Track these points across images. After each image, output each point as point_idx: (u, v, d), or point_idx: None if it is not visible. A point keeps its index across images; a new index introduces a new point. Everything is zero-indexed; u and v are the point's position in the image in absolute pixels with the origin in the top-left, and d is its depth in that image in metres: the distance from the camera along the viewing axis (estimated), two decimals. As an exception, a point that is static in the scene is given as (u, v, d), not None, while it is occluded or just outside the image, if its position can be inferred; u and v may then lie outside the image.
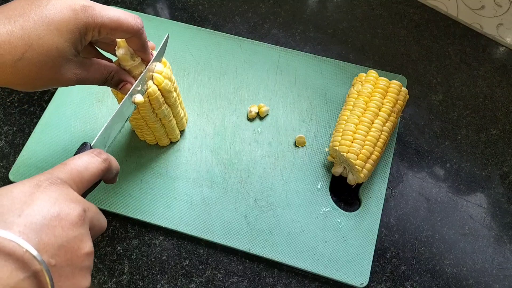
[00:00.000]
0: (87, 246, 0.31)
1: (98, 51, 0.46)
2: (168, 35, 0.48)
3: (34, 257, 0.27)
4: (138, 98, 0.45)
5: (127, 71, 0.45)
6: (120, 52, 0.43)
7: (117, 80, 0.43)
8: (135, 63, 0.45)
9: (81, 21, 0.36)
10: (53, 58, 0.36)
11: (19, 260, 0.27)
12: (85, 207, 0.32)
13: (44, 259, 0.28)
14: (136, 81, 0.44)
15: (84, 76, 0.39)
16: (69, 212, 0.30)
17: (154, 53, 0.47)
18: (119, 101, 0.48)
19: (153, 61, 0.46)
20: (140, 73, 0.45)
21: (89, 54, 0.46)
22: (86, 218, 0.32)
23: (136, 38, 0.41)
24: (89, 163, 0.35)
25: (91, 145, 0.39)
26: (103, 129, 0.41)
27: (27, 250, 0.27)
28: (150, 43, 0.48)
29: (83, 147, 0.39)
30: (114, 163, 0.39)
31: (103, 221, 0.35)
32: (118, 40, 0.44)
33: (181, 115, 0.54)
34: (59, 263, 0.29)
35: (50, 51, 0.35)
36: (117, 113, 0.42)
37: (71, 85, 0.39)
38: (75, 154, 0.37)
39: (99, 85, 0.42)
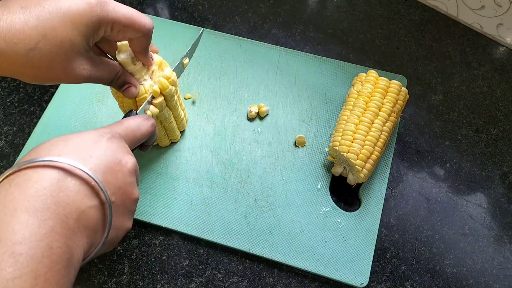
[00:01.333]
0: (136, 192, 0.37)
1: (103, 51, 0.46)
2: (202, 31, 0.52)
3: (102, 190, 0.32)
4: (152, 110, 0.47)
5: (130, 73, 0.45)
6: (121, 56, 0.43)
7: (122, 82, 0.43)
8: (136, 67, 0.45)
9: (96, 15, 0.36)
10: (65, 50, 0.36)
11: (90, 189, 0.32)
12: (135, 161, 0.38)
13: (108, 194, 0.33)
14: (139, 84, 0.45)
15: (94, 73, 0.39)
16: (127, 161, 0.36)
17: (155, 56, 0.47)
18: (119, 103, 0.48)
19: (184, 56, 0.51)
20: (141, 77, 0.46)
21: (95, 53, 0.46)
22: (136, 170, 0.38)
23: (143, 39, 0.41)
24: (141, 124, 0.41)
25: (137, 112, 0.44)
26: (146, 102, 0.45)
27: (97, 183, 0.32)
28: (154, 48, 0.48)
29: (129, 113, 0.44)
30: (157, 131, 0.44)
31: (139, 174, 0.40)
32: (118, 44, 0.43)
33: (181, 117, 0.54)
34: (116, 201, 0.34)
35: (63, 43, 0.35)
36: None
37: (79, 82, 0.39)
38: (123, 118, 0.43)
39: (106, 84, 0.42)
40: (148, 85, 0.46)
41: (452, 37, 0.67)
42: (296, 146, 0.57)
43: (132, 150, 0.41)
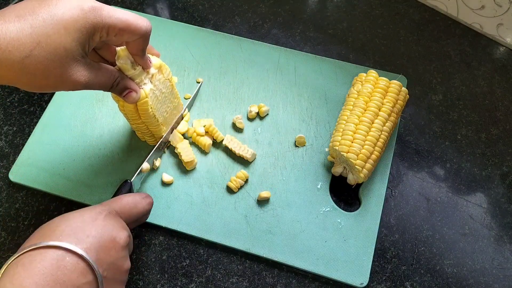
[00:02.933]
0: (127, 264, 0.41)
1: (102, 57, 0.46)
2: (202, 83, 0.58)
3: (94, 269, 0.37)
4: (157, 164, 0.54)
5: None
6: (120, 61, 0.43)
7: (122, 87, 0.43)
8: (136, 72, 0.45)
9: (90, 21, 0.37)
10: (60, 57, 0.36)
11: (86, 266, 0.36)
12: (129, 234, 0.42)
13: (99, 271, 0.37)
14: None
15: (92, 80, 0.39)
16: (121, 237, 0.40)
17: (154, 59, 0.47)
18: (120, 107, 0.48)
19: (185, 108, 0.57)
20: (141, 82, 0.46)
21: (93, 60, 0.45)
22: (129, 243, 0.42)
23: (140, 41, 0.41)
24: (139, 202, 0.45)
25: (131, 181, 0.49)
26: (139, 170, 0.51)
27: (90, 263, 0.36)
28: (154, 51, 0.48)
29: (125, 184, 0.49)
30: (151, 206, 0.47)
31: (132, 243, 0.44)
32: (117, 49, 0.43)
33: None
34: (108, 276, 0.38)
35: (58, 49, 0.35)
36: (150, 156, 0.53)
37: (77, 89, 0.39)
38: (118, 189, 0.48)
39: (105, 90, 0.42)
40: (148, 89, 0.46)
41: (452, 37, 0.67)
42: (296, 146, 0.57)
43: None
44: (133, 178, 0.50)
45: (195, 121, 0.57)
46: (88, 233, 0.38)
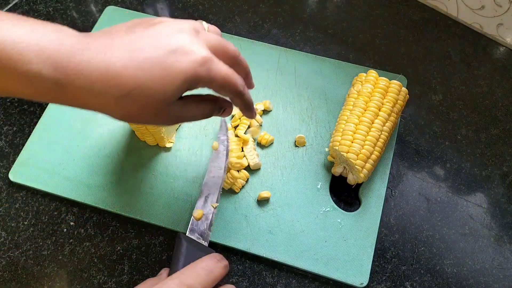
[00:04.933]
0: None
1: None
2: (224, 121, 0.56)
3: None
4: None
5: None
6: None
7: (218, 111, 0.41)
8: None
9: (197, 74, 0.34)
10: (157, 101, 0.34)
11: None
12: None
13: None
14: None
15: (181, 117, 0.38)
16: None
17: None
18: (139, 135, 0.50)
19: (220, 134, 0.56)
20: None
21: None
22: None
23: (238, 99, 0.39)
24: (213, 269, 0.40)
25: (187, 235, 0.47)
26: (190, 225, 0.49)
27: None
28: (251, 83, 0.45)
29: (180, 242, 0.44)
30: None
31: None
32: None
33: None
34: None
35: (157, 95, 0.33)
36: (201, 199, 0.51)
37: (170, 125, 0.38)
38: (175, 248, 0.43)
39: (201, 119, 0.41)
40: None
41: (452, 37, 0.67)
42: (296, 146, 0.57)
43: None
44: (187, 232, 0.48)
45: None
46: None
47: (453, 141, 0.59)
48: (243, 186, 0.54)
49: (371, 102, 0.53)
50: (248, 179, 0.55)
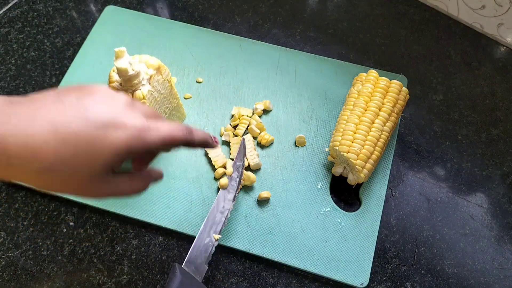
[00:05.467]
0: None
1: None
2: (244, 140, 0.55)
3: None
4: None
5: (126, 81, 0.45)
6: (119, 63, 0.43)
7: (198, 145, 0.39)
8: (134, 73, 0.44)
9: (130, 147, 0.32)
10: (82, 179, 0.32)
11: None
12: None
13: None
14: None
15: (111, 193, 0.34)
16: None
17: (154, 60, 0.47)
18: None
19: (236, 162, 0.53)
20: (139, 83, 0.46)
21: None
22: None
23: (189, 146, 0.38)
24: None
25: (183, 266, 0.45)
26: (189, 254, 0.47)
27: None
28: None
29: (174, 273, 0.42)
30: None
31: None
32: (116, 50, 0.43)
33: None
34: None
35: (81, 172, 0.31)
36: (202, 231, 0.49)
37: (99, 199, 0.36)
38: (168, 279, 0.43)
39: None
40: (146, 90, 0.46)
41: (453, 37, 0.67)
42: (296, 146, 0.57)
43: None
44: (184, 263, 0.45)
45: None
46: None
47: (454, 141, 0.59)
48: (243, 186, 0.54)
49: (372, 102, 0.53)
50: (253, 183, 0.55)
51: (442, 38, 0.67)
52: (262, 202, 0.54)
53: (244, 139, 0.55)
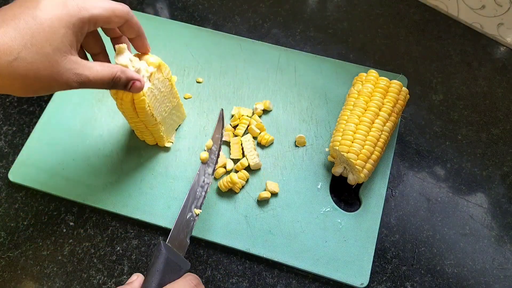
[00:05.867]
0: None
1: (105, 49, 0.46)
2: (222, 110, 0.55)
3: None
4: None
5: None
6: (119, 59, 0.43)
7: (124, 81, 0.42)
8: (135, 69, 0.44)
9: (75, 15, 0.37)
10: (48, 55, 0.35)
11: None
12: None
13: None
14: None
15: (86, 77, 0.38)
16: None
17: (154, 58, 0.47)
18: (118, 105, 0.48)
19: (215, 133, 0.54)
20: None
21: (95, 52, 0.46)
22: None
23: (131, 23, 0.42)
24: None
25: (167, 242, 0.44)
26: (174, 226, 0.47)
27: None
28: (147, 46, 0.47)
29: (160, 250, 0.42)
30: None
31: None
32: (116, 46, 0.44)
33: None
34: None
35: (44, 48, 0.35)
36: (187, 199, 0.49)
37: (74, 88, 0.38)
38: (154, 256, 0.42)
39: (108, 88, 0.41)
40: (146, 87, 0.46)
41: (453, 37, 0.67)
42: (296, 146, 0.57)
43: None
44: (168, 240, 0.46)
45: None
46: None
47: (454, 141, 0.59)
48: (243, 186, 0.54)
49: (372, 102, 0.53)
50: (248, 179, 0.55)
51: (442, 38, 0.67)
52: (262, 202, 0.54)
53: (222, 110, 0.55)
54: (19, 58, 0.34)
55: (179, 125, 0.58)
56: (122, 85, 0.42)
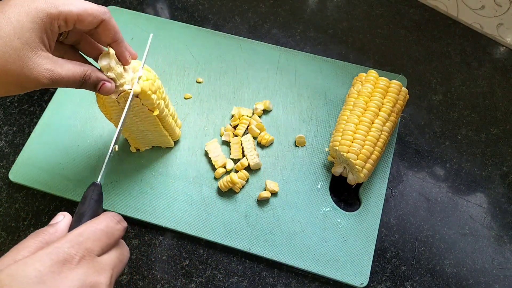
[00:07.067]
0: None
1: (82, 56, 0.45)
2: (151, 36, 0.48)
3: None
4: (136, 88, 0.44)
5: (112, 79, 0.43)
6: (103, 62, 0.42)
7: (94, 81, 0.41)
8: (118, 71, 0.44)
9: (43, 11, 0.36)
10: (16, 49, 0.35)
11: None
12: (112, 270, 0.32)
13: None
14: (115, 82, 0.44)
15: (58, 74, 0.37)
16: (101, 282, 0.31)
17: (137, 62, 0.46)
18: (100, 107, 0.47)
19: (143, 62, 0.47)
20: (124, 84, 0.44)
21: (72, 59, 0.43)
22: (113, 276, 0.33)
23: (107, 24, 0.41)
24: (115, 230, 0.35)
25: (99, 181, 0.40)
26: (103, 167, 0.42)
27: None
28: (133, 52, 0.45)
29: (93, 188, 0.39)
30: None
31: (126, 257, 0.36)
32: (105, 50, 0.43)
33: (172, 126, 0.54)
34: None
35: (13, 41, 0.35)
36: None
37: (45, 85, 0.37)
38: (85, 193, 0.38)
39: (77, 87, 0.41)
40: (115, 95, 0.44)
41: (452, 37, 0.67)
42: (296, 146, 0.57)
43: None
44: (99, 177, 0.41)
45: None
46: None
47: (453, 141, 0.59)
48: (243, 186, 0.54)
49: (371, 102, 0.53)
50: (248, 179, 0.55)
51: (442, 38, 0.67)
52: (262, 202, 0.54)
53: (152, 35, 0.49)
54: None
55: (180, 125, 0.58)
56: (91, 84, 0.41)
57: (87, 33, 0.42)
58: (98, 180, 0.40)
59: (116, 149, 0.44)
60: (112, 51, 0.43)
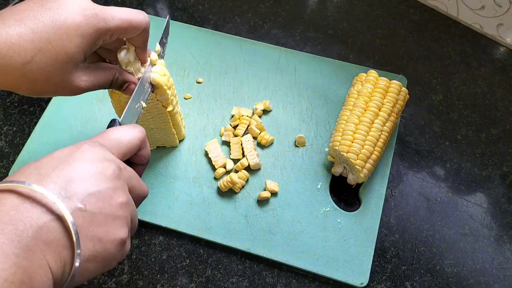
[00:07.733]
0: (121, 197, 0.32)
1: (99, 55, 0.46)
2: (169, 18, 0.50)
3: (53, 201, 0.29)
4: (153, 56, 0.46)
5: (130, 73, 0.45)
6: (121, 55, 0.43)
7: (121, 82, 0.43)
8: (136, 66, 0.44)
9: (93, 26, 0.36)
10: (61, 63, 0.35)
11: (44, 205, 0.28)
12: (121, 166, 0.33)
13: (70, 205, 0.29)
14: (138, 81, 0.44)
15: (92, 82, 0.39)
16: (104, 167, 0.32)
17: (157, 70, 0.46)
18: (113, 103, 0.48)
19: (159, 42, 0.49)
20: (140, 78, 0.44)
21: (92, 59, 0.45)
22: (122, 175, 0.33)
23: (144, 33, 0.41)
24: (127, 131, 0.37)
25: (120, 121, 0.40)
26: (126, 108, 0.41)
27: (45, 194, 0.29)
28: (148, 50, 0.46)
29: (112, 123, 0.39)
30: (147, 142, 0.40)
31: (144, 185, 0.37)
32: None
33: (180, 124, 0.54)
34: (90, 209, 0.30)
35: (59, 55, 0.35)
36: (137, 91, 0.44)
37: (78, 94, 0.38)
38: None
39: (105, 88, 0.42)
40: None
41: (452, 37, 0.67)
42: (296, 146, 0.57)
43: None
44: (122, 117, 0.40)
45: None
46: (55, 167, 0.30)
47: (453, 141, 0.59)
48: (243, 186, 0.54)
49: (371, 102, 0.53)
50: (248, 179, 0.55)
51: (441, 39, 0.67)
52: (262, 202, 0.54)
53: (168, 17, 0.51)
54: (32, 62, 0.34)
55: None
56: (117, 86, 0.42)
57: None
58: (121, 119, 0.41)
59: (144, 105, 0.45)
60: (132, 46, 0.43)
